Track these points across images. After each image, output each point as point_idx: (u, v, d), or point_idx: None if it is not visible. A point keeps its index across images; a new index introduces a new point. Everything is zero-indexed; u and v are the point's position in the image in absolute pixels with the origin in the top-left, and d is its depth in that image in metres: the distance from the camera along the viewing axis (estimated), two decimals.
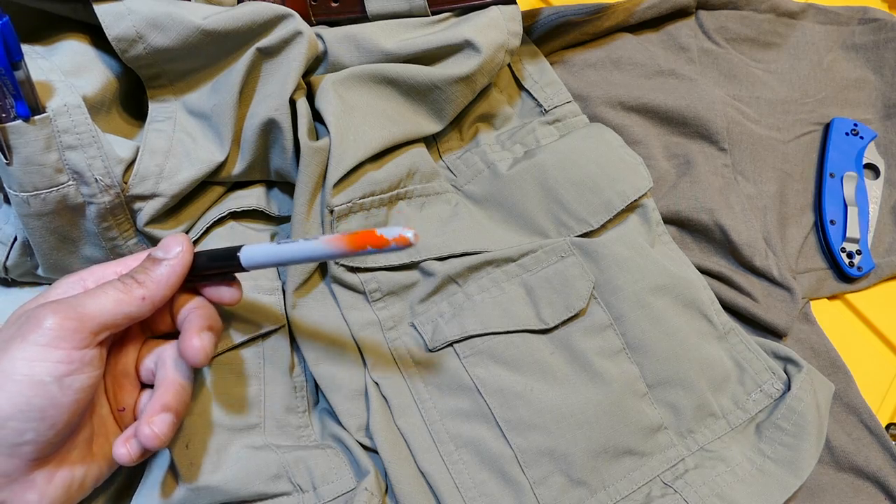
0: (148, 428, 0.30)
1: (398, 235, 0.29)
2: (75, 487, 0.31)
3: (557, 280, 0.41)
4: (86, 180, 0.35)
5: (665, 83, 0.51)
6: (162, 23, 0.36)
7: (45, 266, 0.38)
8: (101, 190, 0.35)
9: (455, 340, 0.40)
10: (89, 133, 0.35)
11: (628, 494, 0.39)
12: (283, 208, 0.43)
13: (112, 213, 0.37)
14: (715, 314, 0.44)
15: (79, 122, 0.34)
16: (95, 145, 0.35)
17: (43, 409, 0.28)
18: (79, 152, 0.34)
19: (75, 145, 0.34)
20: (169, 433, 0.31)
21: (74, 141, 0.34)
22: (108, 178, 0.35)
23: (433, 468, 0.38)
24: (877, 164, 0.54)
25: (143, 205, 0.37)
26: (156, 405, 0.31)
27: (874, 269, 0.50)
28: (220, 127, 0.39)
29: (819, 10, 0.58)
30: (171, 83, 0.39)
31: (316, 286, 0.41)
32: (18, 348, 0.28)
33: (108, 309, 0.30)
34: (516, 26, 0.44)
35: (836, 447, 0.44)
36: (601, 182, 0.44)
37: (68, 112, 0.34)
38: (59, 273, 0.38)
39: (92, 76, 0.37)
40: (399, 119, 0.43)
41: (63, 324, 0.29)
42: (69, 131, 0.34)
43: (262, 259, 0.33)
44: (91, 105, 0.36)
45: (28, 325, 0.29)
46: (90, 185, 0.35)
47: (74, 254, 0.38)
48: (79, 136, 0.34)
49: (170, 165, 0.38)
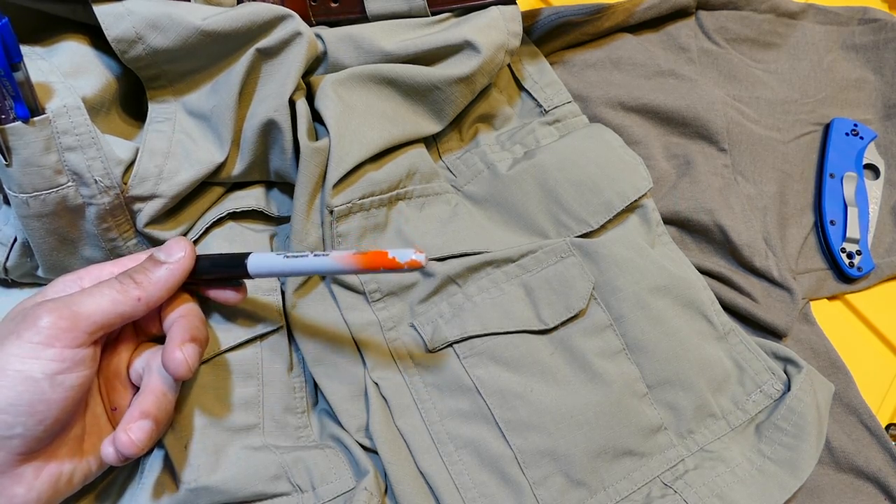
0: (125, 435, 0.30)
1: (410, 259, 0.30)
2: (63, 483, 0.31)
3: (557, 281, 0.41)
4: (85, 181, 0.35)
5: (665, 83, 0.51)
6: (161, 24, 0.36)
7: (44, 267, 0.38)
8: (101, 191, 0.35)
9: (455, 341, 0.40)
10: (89, 134, 0.35)
11: (628, 495, 0.39)
12: (282, 209, 0.43)
13: (112, 214, 0.37)
14: (715, 315, 0.44)
15: (78, 124, 0.34)
16: (95, 146, 0.35)
17: (32, 404, 0.28)
18: (78, 153, 0.34)
19: (75, 146, 0.34)
20: (146, 440, 0.31)
21: (74, 142, 0.34)
22: (108, 179, 0.35)
23: (433, 469, 0.38)
24: (877, 165, 0.54)
25: (143, 206, 0.37)
26: (135, 412, 0.31)
27: (874, 269, 0.50)
28: (219, 128, 0.39)
29: (819, 11, 0.58)
30: (171, 84, 0.39)
31: (316, 286, 0.41)
32: (13, 345, 0.29)
33: (103, 308, 0.30)
34: (516, 26, 0.44)
35: (835, 448, 0.44)
36: (601, 182, 0.44)
37: (67, 113, 0.34)
38: (58, 274, 0.38)
39: (91, 77, 0.37)
40: (399, 119, 0.43)
41: (57, 322, 0.29)
42: (68, 132, 0.34)
43: (270, 269, 0.33)
44: (90, 106, 0.36)
45: (24, 323, 0.29)
46: (90, 187, 0.35)
47: (74, 255, 0.38)
48: (78, 137, 0.34)
49: (169, 166, 0.38)
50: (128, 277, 0.32)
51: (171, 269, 0.33)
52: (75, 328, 0.29)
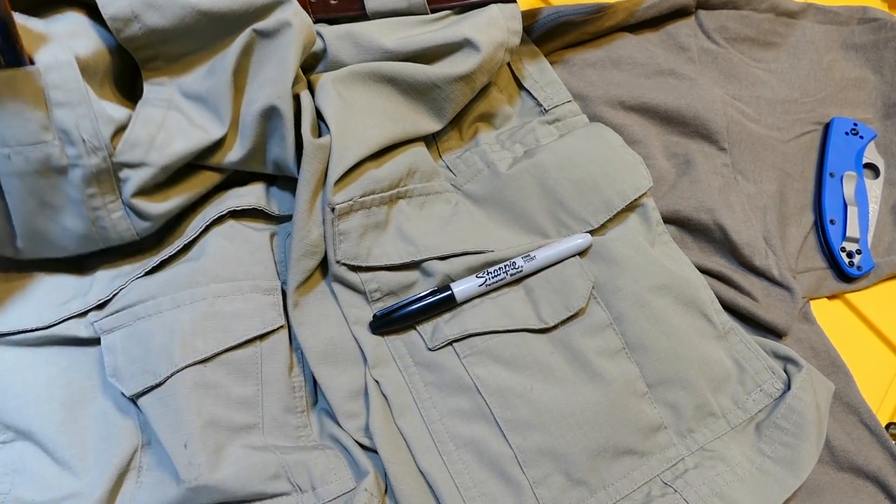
0: None
1: None
2: None
3: (557, 280, 0.41)
4: (73, 140, 0.34)
5: (665, 83, 0.51)
6: (157, 2, 0.36)
7: (22, 234, 0.37)
8: (88, 151, 0.34)
9: (455, 339, 0.40)
10: (79, 90, 0.34)
11: (628, 494, 0.39)
12: (282, 207, 0.43)
13: (97, 179, 0.36)
14: (715, 314, 0.44)
15: (69, 79, 0.33)
16: (85, 104, 0.34)
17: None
18: (67, 110, 0.34)
19: (64, 102, 0.33)
20: None
21: (63, 97, 0.33)
22: (96, 139, 0.34)
23: (433, 468, 0.38)
24: (876, 164, 0.54)
25: (131, 173, 0.36)
26: None
27: (874, 268, 0.50)
28: (218, 108, 0.39)
29: (819, 10, 0.58)
30: (167, 65, 0.38)
31: (317, 285, 0.41)
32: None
33: None
34: (516, 24, 0.44)
35: (835, 447, 0.44)
36: (601, 181, 0.44)
37: (59, 68, 0.33)
38: (36, 245, 0.38)
39: (86, 41, 0.36)
40: (399, 117, 0.43)
41: None
42: (59, 87, 0.33)
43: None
44: (83, 67, 0.35)
45: None
46: (76, 146, 0.34)
47: (54, 222, 0.37)
48: (68, 92, 0.33)
49: (162, 136, 0.37)
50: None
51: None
52: None
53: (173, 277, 0.39)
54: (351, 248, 0.40)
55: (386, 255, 0.40)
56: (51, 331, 0.38)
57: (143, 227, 0.39)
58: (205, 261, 0.40)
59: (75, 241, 0.38)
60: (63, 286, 0.40)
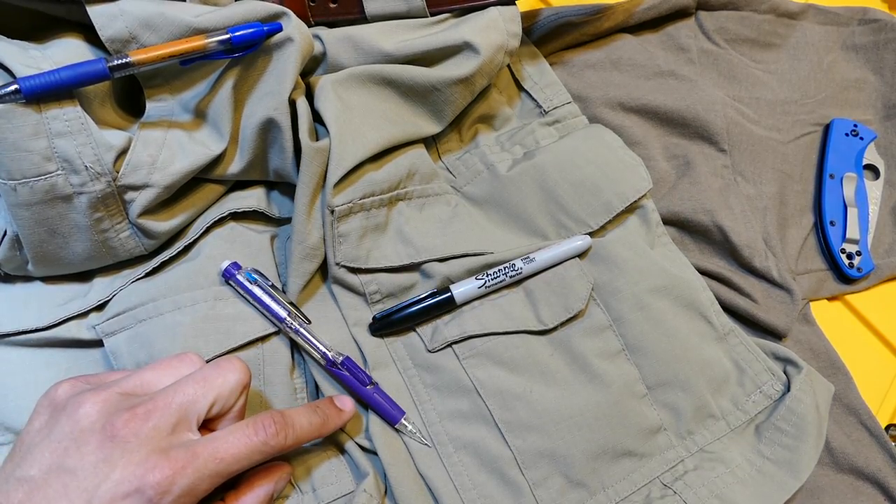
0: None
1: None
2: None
3: (556, 281, 0.41)
4: (75, 168, 0.34)
5: (665, 84, 0.51)
6: (154, 23, 0.36)
7: (34, 259, 0.37)
8: (92, 178, 0.35)
9: (454, 341, 0.40)
10: (78, 120, 0.34)
11: (628, 496, 0.39)
12: (283, 210, 0.43)
13: (104, 203, 0.36)
14: (714, 315, 0.44)
15: (68, 109, 0.34)
16: (85, 132, 0.34)
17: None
18: (68, 139, 0.34)
19: (64, 132, 0.34)
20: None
21: (63, 128, 0.34)
22: (99, 165, 0.35)
23: (432, 470, 0.38)
24: (877, 165, 0.54)
25: (136, 195, 0.37)
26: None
27: (874, 270, 0.50)
28: (218, 123, 0.39)
29: (819, 11, 0.58)
30: (167, 82, 0.39)
31: (317, 288, 0.41)
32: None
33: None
34: (515, 27, 0.44)
35: (835, 448, 0.44)
36: (601, 183, 0.44)
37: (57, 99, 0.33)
38: (49, 267, 0.38)
39: None
40: (398, 120, 0.43)
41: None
42: (58, 118, 0.34)
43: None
44: (81, 93, 0.35)
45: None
46: (80, 174, 0.35)
47: (65, 248, 0.37)
48: (68, 122, 0.34)
49: (163, 156, 0.37)
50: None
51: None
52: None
53: (173, 279, 0.39)
54: (350, 250, 0.40)
55: (385, 257, 0.41)
56: (52, 332, 0.38)
57: (150, 244, 0.40)
58: (205, 262, 0.40)
59: (85, 261, 0.39)
60: (63, 287, 0.40)
